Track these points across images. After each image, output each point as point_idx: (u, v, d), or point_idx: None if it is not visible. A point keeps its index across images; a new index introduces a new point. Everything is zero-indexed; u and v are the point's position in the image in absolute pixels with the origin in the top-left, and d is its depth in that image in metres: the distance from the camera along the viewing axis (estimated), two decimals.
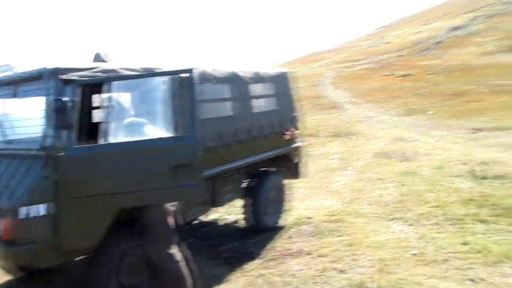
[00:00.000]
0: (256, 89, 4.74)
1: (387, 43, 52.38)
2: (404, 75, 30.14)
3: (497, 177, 6.82)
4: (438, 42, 43.25)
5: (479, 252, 4.20)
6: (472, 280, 3.66)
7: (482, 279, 3.67)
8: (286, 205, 5.50)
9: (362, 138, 11.35)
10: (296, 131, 5.34)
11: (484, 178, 6.84)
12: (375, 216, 5.44)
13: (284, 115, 5.17)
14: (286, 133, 5.11)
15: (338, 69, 36.35)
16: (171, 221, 3.10)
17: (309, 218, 5.51)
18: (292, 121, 5.28)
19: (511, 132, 11.33)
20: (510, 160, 8.08)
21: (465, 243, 4.40)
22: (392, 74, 31.02)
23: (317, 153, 9.68)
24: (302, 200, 6.37)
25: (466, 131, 11.88)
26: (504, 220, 4.99)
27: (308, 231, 5.09)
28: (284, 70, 5.46)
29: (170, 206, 3.12)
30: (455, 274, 3.78)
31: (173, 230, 3.10)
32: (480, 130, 11.95)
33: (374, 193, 6.44)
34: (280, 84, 5.17)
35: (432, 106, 17.57)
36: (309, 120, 15.31)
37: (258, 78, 4.78)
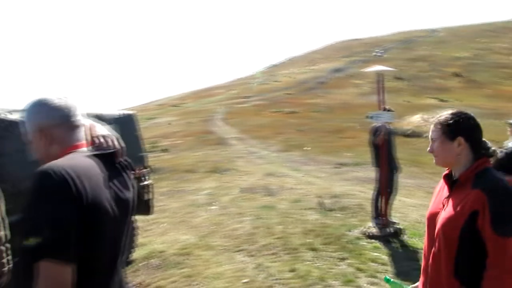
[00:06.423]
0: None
1: (275, 81, 55.62)
2: (290, 112, 32.12)
3: (341, 208, 7.66)
4: (322, 82, 47.08)
5: (301, 277, 4.72)
6: None
7: None
8: (137, 241, 5.64)
9: (236, 174, 11.88)
10: (144, 170, 5.57)
11: (331, 210, 7.62)
12: (223, 249, 5.79)
13: (129, 155, 5.37)
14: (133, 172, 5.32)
15: (230, 105, 37.53)
16: None
17: (161, 252, 5.70)
18: (139, 161, 5.50)
19: (368, 166, 12.68)
20: (359, 193, 9.10)
21: (292, 270, 4.91)
22: (280, 111, 32.90)
23: (189, 189, 9.95)
24: (161, 235, 6.55)
25: (331, 166, 13.03)
26: (331, 248, 5.65)
27: (155, 264, 5.28)
28: (129, 112, 5.76)
29: None
30: None
31: None
32: (344, 165, 13.21)
33: (230, 226, 6.83)
34: (124, 125, 5.39)
35: (310, 143, 18.93)
36: (191, 156, 15.63)
37: (101, 120, 4.96)
